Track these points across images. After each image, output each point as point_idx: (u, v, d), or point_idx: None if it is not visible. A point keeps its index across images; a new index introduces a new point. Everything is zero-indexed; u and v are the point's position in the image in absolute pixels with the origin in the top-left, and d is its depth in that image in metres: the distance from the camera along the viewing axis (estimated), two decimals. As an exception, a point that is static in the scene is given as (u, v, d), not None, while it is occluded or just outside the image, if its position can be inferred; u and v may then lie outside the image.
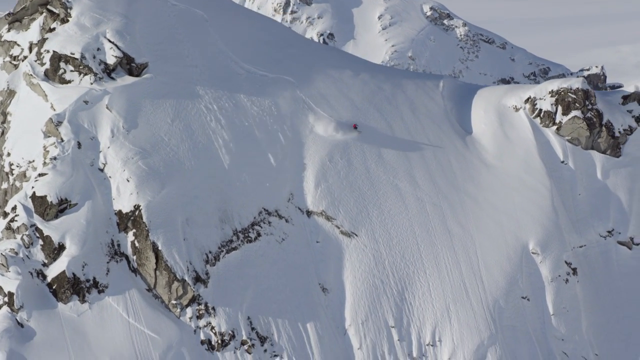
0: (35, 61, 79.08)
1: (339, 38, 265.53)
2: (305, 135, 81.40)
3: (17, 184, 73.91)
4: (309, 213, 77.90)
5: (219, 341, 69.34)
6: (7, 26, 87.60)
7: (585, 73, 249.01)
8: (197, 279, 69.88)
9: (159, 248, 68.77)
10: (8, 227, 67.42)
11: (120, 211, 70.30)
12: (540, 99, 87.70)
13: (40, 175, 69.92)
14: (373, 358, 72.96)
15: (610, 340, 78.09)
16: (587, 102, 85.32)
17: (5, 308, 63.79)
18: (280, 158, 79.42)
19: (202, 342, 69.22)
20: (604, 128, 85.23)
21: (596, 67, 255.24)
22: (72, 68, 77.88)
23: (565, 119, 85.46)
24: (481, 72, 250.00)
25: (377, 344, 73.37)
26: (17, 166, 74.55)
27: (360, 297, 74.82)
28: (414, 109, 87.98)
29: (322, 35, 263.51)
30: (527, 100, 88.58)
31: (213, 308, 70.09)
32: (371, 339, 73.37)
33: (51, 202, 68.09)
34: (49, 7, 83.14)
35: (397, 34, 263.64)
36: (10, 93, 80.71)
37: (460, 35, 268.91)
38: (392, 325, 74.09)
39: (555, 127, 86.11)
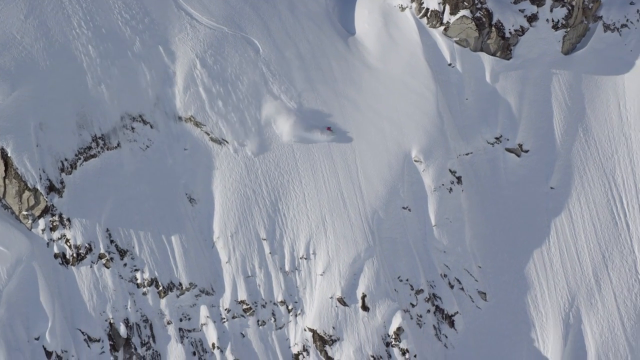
0: None
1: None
2: (174, 34, 79.70)
3: None
4: (176, 118, 76.51)
5: (74, 255, 68.86)
6: None
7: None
8: (51, 188, 69.01)
9: (9, 155, 67.78)
10: None
11: (-35, 115, 68.59)
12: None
13: None
14: (242, 272, 72.98)
15: (494, 252, 79.05)
16: (476, 1, 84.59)
17: None
18: (146, 59, 77.82)
19: (56, 256, 68.79)
20: (493, 28, 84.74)
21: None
22: None
23: (453, 18, 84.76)
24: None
25: (247, 257, 73.43)
26: None
27: (230, 208, 74.47)
28: (293, 8, 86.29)
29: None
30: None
31: (68, 219, 69.41)
32: (241, 252, 73.30)
33: None
34: None
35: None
36: None
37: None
38: (263, 237, 73.99)
39: (442, 28, 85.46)
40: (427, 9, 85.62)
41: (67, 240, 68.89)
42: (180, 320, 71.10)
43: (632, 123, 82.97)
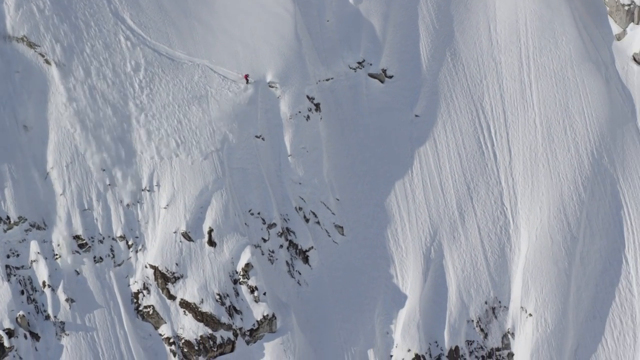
0: None
1: None
2: (4, -56, 75.96)
3: None
4: (6, 38, 73.19)
5: None
6: None
7: None
8: None
9: None
10: None
11: None
12: None
13: None
14: (78, 205, 70.25)
15: (353, 183, 78.07)
16: None
17: None
18: (-30, -28, 74.25)
19: None
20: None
21: None
22: None
23: None
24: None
25: (83, 189, 70.78)
26: None
27: (66, 136, 71.52)
28: None
29: None
30: None
31: None
32: (77, 183, 70.56)
33: None
34: None
35: None
36: None
37: None
38: (102, 168, 70.91)
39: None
40: None
41: None
42: (8, 256, 67.96)
43: (503, 47, 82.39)
